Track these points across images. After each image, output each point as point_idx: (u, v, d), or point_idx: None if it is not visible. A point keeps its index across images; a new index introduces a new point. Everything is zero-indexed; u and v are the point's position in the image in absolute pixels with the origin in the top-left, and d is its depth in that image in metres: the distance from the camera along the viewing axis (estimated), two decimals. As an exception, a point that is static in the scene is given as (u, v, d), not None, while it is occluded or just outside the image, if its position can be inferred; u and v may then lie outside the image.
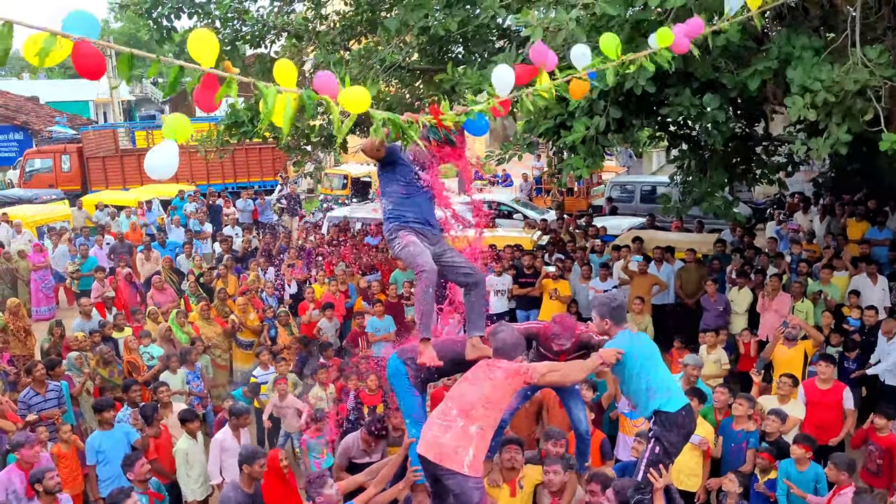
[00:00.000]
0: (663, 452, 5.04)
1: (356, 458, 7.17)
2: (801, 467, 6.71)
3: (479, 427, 4.88)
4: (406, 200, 5.25)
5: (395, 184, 5.26)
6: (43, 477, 6.10)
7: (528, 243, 14.38)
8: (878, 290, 10.96)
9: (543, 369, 5.03)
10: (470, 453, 4.81)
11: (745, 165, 12.78)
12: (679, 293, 12.19)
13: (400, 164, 5.26)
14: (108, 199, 21.31)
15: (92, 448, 7.57)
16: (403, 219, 5.22)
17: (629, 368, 5.01)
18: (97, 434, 7.67)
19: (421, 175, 5.30)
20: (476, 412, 4.90)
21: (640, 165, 31.21)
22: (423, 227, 5.25)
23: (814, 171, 18.74)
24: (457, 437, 4.84)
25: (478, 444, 4.87)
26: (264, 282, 12.89)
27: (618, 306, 5.30)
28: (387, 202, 5.31)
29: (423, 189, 5.31)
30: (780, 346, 8.95)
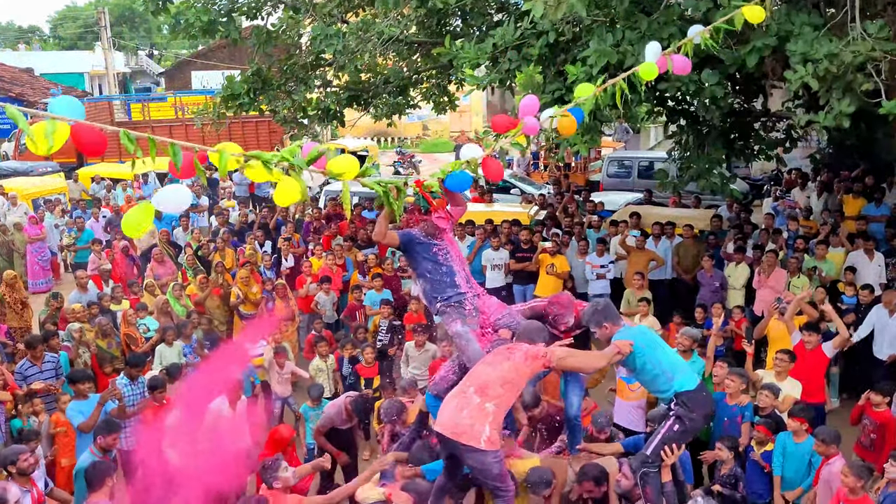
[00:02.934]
0: (682, 432, 5.16)
1: (338, 426, 7.65)
2: (797, 439, 6.80)
3: (495, 405, 4.98)
4: (438, 276, 5.65)
5: (424, 262, 5.67)
6: (17, 459, 6.10)
7: (526, 218, 14.37)
8: (874, 267, 11.00)
9: (563, 353, 5.13)
10: (486, 429, 4.91)
11: (742, 141, 12.75)
12: (676, 269, 12.22)
13: (417, 244, 5.67)
14: (105, 172, 21.20)
15: (71, 418, 7.62)
16: (444, 296, 5.62)
17: (639, 358, 5.13)
18: (73, 404, 7.70)
19: (439, 245, 5.69)
20: (493, 391, 5.00)
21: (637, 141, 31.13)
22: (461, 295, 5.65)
23: (812, 147, 18.71)
24: (473, 414, 4.94)
25: (494, 420, 4.97)
26: (261, 255, 12.89)
27: (605, 307, 5.46)
28: (423, 283, 5.74)
29: (447, 257, 5.68)
30: (775, 322, 8.99)
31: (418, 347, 9.39)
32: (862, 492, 5.91)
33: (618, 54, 9.10)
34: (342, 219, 14.87)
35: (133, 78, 51.05)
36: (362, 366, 9.38)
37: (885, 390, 7.50)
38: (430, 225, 5.62)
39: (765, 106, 12.98)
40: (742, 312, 10.08)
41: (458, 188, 5.38)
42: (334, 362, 9.39)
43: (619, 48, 9.14)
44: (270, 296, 11.17)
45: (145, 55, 57.29)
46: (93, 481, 5.77)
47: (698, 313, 10.04)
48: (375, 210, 15.15)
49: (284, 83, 14.07)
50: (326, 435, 7.66)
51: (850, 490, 5.90)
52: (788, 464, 6.78)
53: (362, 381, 9.33)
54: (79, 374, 8.09)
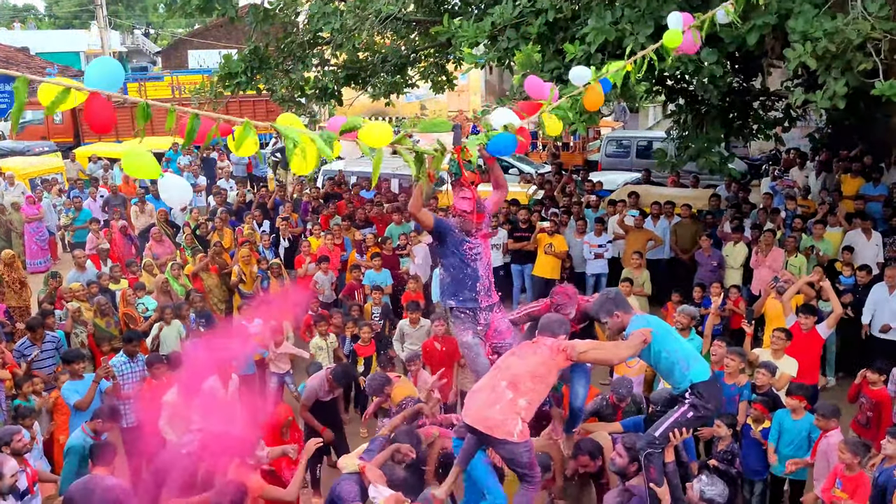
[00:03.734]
0: (695, 418, 5.19)
1: (322, 398, 7.79)
2: (795, 416, 6.87)
3: (528, 401, 5.02)
4: (461, 275, 5.65)
5: (452, 257, 5.63)
6: (11, 440, 6.13)
7: (524, 198, 14.36)
8: (872, 246, 11.01)
9: (584, 347, 5.15)
10: (519, 424, 4.97)
11: (741, 120, 12.74)
12: (674, 248, 12.23)
13: (450, 236, 5.61)
14: (102, 152, 21.14)
15: (67, 398, 7.65)
16: (460, 298, 5.66)
17: (655, 347, 5.13)
18: (69, 384, 7.73)
19: (472, 244, 5.63)
20: (524, 385, 5.04)
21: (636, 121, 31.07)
22: (475, 304, 5.68)
23: (810, 126, 18.68)
24: (505, 409, 4.98)
25: (526, 415, 5.03)
26: (259, 235, 12.89)
27: (616, 295, 5.43)
28: (445, 275, 5.74)
29: (475, 259, 5.63)
30: (772, 300, 9.03)
31: (413, 324, 9.43)
32: (858, 468, 5.97)
33: (616, 32, 9.07)
34: (340, 198, 14.86)
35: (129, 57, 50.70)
36: (360, 345, 9.42)
37: (881, 369, 7.55)
38: (467, 222, 5.55)
39: (763, 85, 12.96)
40: (739, 292, 10.11)
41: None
42: (335, 340, 9.43)
43: (617, 26, 9.10)
44: (265, 275, 11.18)
45: (141, 34, 56.92)
46: (99, 457, 5.85)
47: (696, 292, 10.07)
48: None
49: (282, 62, 14.02)
50: (312, 409, 7.76)
51: (846, 466, 5.97)
52: (786, 441, 6.85)
53: (361, 360, 9.36)
54: (72, 353, 8.12)
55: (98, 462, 5.83)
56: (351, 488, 5.37)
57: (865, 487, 5.99)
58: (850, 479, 5.98)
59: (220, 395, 7.52)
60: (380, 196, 14.79)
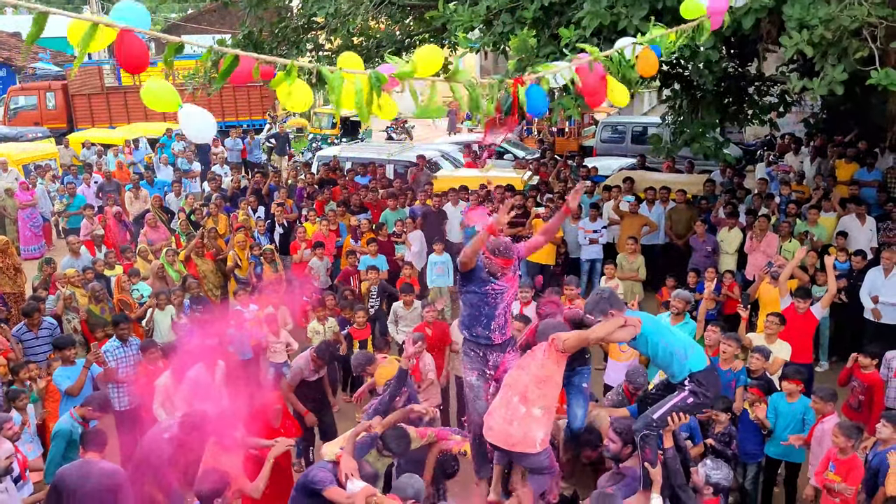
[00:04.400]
0: (694, 405, 5.19)
1: (307, 377, 7.88)
2: (791, 399, 6.94)
3: (541, 408, 5.10)
4: (476, 312, 5.56)
5: (472, 294, 5.56)
6: (1, 427, 6.14)
7: (519, 184, 14.35)
8: (866, 231, 11.05)
9: (565, 336, 5.21)
10: (540, 434, 5.07)
11: (736, 105, 12.73)
12: (669, 233, 12.25)
13: (477, 277, 5.53)
14: (95, 138, 21.05)
15: (58, 383, 7.67)
16: (472, 333, 5.63)
17: (650, 339, 5.17)
18: (60, 370, 7.75)
19: (496, 287, 5.53)
20: (533, 394, 5.11)
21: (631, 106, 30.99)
22: (488, 340, 5.60)
23: (805, 111, 18.67)
24: (523, 424, 5.07)
25: (546, 423, 5.13)
26: (254, 221, 12.87)
27: (610, 294, 5.39)
28: (463, 307, 5.70)
29: (496, 301, 5.54)
30: (766, 285, 9.06)
31: (407, 306, 9.47)
32: (852, 451, 6.03)
33: (612, 16, 9.04)
34: (335, 184, 14.84)
35: (122, 42, 50.39)
36: (355, 328, 9.46)
37: (873, 353, 7.61)
38: (495, 265, 5.45)
39: (759, 70, 12.94)
40: (733, 277, 10.14)
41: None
42: (335, 324, 9.46)
43: (613, 10, 9.07)
44: (258, 260, 11.19)
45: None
46: (90, 443, 5.85)
47: (691, 277, 10.09)
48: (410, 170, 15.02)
49: (276, 47, 13.94)
50: (298, 390, 7.85)
51: (840, 450, 6.02)
52: (781, 423, 6.91)
53: (356, 343, 9.39)
54: (64, 339, 8.13)
55: (89, 448, 5.82)
56: (325, 476, 5.38)
57: (859, 470, 6.05)
58: (844, 462, 6.04)
59: (204, 380, 7.51)
60: (375, 182, 14.77)
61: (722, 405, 6.69)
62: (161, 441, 6.22)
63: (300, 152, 23.98)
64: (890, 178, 13.46)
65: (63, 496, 5.61)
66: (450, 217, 13.01)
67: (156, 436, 6.34)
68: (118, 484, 5.69)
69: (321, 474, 5.41)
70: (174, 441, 6.14)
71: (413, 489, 5.20)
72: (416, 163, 15.88)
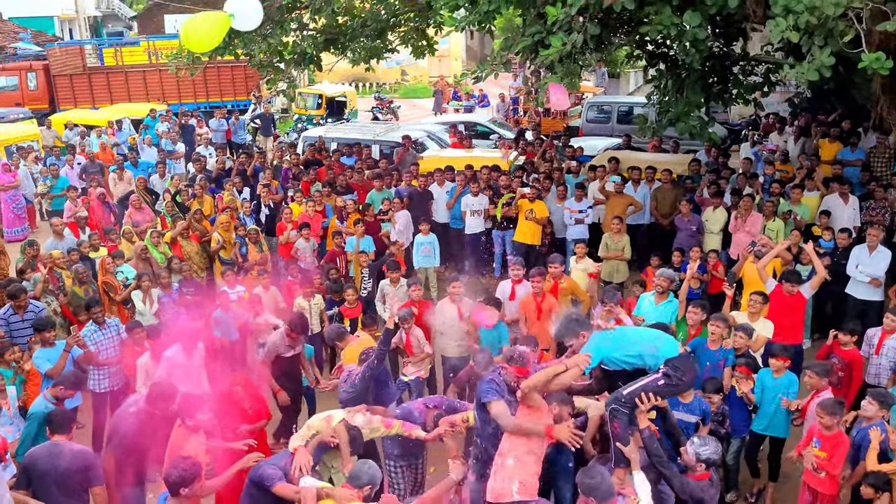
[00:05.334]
0: (666, 386, 5.31)
1: (283, 353, 8.01)
2: (777, 375, 7.07)
3: (514, 457, 5.28)
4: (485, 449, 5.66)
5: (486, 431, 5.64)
6: None
7: (505, 164, 14.36)
8: (849, 210, 11.14)
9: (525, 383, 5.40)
10: (516, 482, 5.23)
11: (721, 85, 12.74)
12: (654, 213, 12.31)
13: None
14: (78, 119, 20.86)
15: (38, 366, 7.66)
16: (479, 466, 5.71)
17: (612, 357, 5.34)
18: (40, 351, 7.73)
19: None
20: (503, 446, 5.34)
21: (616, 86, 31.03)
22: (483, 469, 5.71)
23: (789, 91, 18.74)
24: (500, 475, 5.30)
25: (521, 470, 5.26)
26: (240, 202, 12.82)
27: (578, 316, 5.61)
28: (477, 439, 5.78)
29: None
30: (750, 264, 9.13)
31: (393, 284, 9.52)
32: (836, 427, 6.12)
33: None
34: (321, 165, 14.79)
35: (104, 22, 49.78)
36: (346, 307, 9.49)
37: (853, 330, 7.73)
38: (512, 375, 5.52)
39: (744, 50, 12.95)
40: (717, 256, 10.20)
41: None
42: (321, 301, 9.48)
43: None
44: (243, 241, 11.16)
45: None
46: (58, 425, 5.86)
47: (675, 257, 10.15)
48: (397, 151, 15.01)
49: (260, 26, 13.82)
50: (275, 367, 7.95)
51: (825, 427, 6.11)
52: (767, 398, 7.02)
53: (347, 322, 9.42)
54: (43, 322, 8.08)
55: (56, 431, 5.83)
56: (273, 473, 5.38)
57: (844, 446, 6.16)
58: (829, 438, 6.15)
59: (181, 361, 7.52)
60: (361, 162, 14.73)
61: (712, 386, 6.77)
62: (128, 414, 6.27)
63: (285, 133, 23.87)
64: (873, 158, 13.57)
65: (34, 478, 5.65)
66: (436, 198, 13.01)
67: (123, 410, 6.39)
68: (89, 464, 5.73)
69: (269, 471, 5.40)
70: (140, 414, 6.19)
71: (368, 476, 5.18)
72: (402, 143, 15.84)
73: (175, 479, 5.04)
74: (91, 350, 7.98)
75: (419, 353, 8.33)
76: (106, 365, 8.14)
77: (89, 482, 5.76)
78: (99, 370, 8.12)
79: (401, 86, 39.37)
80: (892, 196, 11.47)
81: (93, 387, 8.15)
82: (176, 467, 5.09)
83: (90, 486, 5.79)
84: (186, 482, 5.05)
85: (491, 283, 12.00)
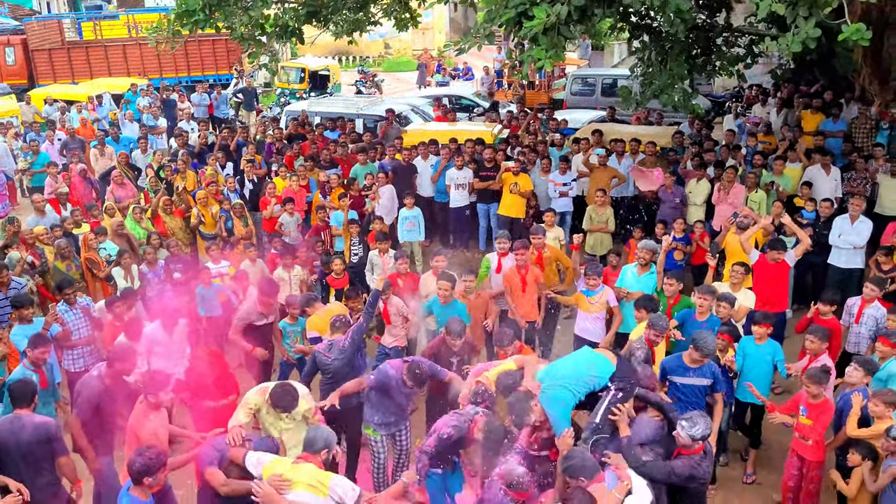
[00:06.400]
0: (624, 396, 5.46)
1: (255, 321, 8.17)
2: (759, 342, 7.18)
3: None
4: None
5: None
6: None
7: (489, 137, 14.33)
8: (830, 181, 11.22)
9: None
10: None
11: (704, 57, 12.74)
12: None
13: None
14: (57, 94, 20.61)
15: (16, 343, 7.61)
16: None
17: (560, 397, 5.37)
18: (17, 328, 7.69)
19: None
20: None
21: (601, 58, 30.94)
22: None
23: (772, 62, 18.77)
24: None
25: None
26: (223, 178, 12.75)
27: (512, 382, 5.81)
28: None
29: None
30: (732, 235, 9.20)
31: (382, 254, 9.56)
32: (823, 395, 6.23)
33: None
34: (304, 139, 14.71)
35: (82, -5, 49.07)
36: (332, 277, 9.51)
37: (832, 300, 7.82)
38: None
39: (727, 21, 12.94)
40: (703, 227, 10.28)
41: None
42: (300, 272, 9.49)
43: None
44: (228, 216, 11.12)
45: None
46: (19, 397, 5.84)
47: (658, 229, 10.21)
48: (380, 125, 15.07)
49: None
50: (246, 336, 8.06)
51: (811, 395, 6.23)
52: (749, 365, 7.12)
53: (333, 292, 9.44)
54: (22, 299, 8.02)
55: (17, 404, 5.81)
56: (209, 454, 5.37)
57: (829, 413, 6.29)
58: (815, 406, 6.26)
59: (160, 337, 7.53)
60: (344, 136, 14.66)
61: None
62: (90, 378, 6.30)
63: (268, 107, 23.69)
64: (855, 129, 13.64)
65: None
66: (420, 171, 12.98)
67: (87, 375, 6.43)
68: (51, 436, 5.73)
69: (206, 450, 5.40)
70: (102, 378, 6.23)
71: (323, 441, 5.19)
72: (386, 117, 15.77)
73: (138, 468, 4.93)
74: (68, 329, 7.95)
75: (398, 323, 8.37)
76: (78, 345, 8.09)
77: (54, 453, 5.75)
78: (73, 350, 8.09)
79: (384, 59, 39.09)
80: (872, 167, 11.57)
81: (68, 366, 8.14)
82: (140, 455, 4.97)
83: (55, 458, 5.77)
84: (151, 472, 4.93)
85: (476, 256, 12.03)
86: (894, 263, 8.98)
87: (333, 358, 6.85)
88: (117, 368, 6.29)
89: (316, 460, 5.12)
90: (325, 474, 5.07)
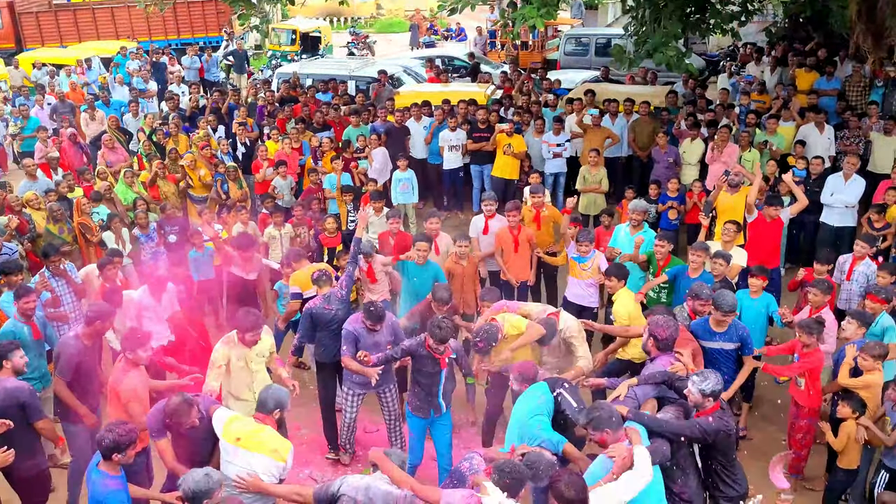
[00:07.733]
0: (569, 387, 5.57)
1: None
2: (754, 295, 7.31)
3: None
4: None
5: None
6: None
7: (483, 98, 14.25)
8: (824, 139, 11.21)
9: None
10: None
11: (699, 15, 12.64)
12: (632, 145, 12.32)
13: None
14: (46, 58, 20.37)
15: (5, 309, 7.49)
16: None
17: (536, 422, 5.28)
18: (6, 295, 7.60)
19: None
20: None
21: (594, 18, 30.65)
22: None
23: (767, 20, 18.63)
24: None
25: None
26: (215, 141, 12.67)
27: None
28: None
29: None
30: (724, 194, 9.22)
31: (377, 213, 9.60)
32: (815, 345, 6.40)
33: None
34: (296, 102, 14.61)
35: (68, -43, 48.32)
36: (325, 236, 9.52)
37: (827, 259, 7.88)
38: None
39: (722, -23, 12.84)
40: (701, 186, 10.29)
41: None
42: (290, 230, 9.50)
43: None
44: (223, 178, 11.09)
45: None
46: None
47: (652, 189, 10.22)
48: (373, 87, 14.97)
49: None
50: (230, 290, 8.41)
51: (804, 345, 6.40)
52: (744, 319, 7.13)
53: (326, 250, 9.46)
54: (10, 264, 7.94)
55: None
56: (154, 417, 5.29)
57: (820, 363, 6.46)
58: (807, 354, 6.42)
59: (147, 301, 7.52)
60: (337, 99, 14.56)
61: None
62: (69, 339, 6.29)
63: (259, 70, 23.47)
64: (849, 87, 13.60)
65: None
66: (413, 133, 12.93)
67: (66, 337, 6.43)
68: (24, 401, 5.67)
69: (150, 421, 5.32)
70: (80, 337, 6.23)
71: (274, 400, 5.21)
72: (378, 78, 15.66)
73: (108, 444, 4.82)
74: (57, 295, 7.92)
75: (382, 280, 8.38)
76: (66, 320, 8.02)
77: (30, 418, 5.70)
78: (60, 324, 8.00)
79: (376, 20, 38.68)
80: (866, 125, 11.56)
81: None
82: (110, 431, 4.86)
83: (32, 422, 5.72)
84: (121, 448, 4.84)
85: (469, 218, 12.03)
86: (886, 221, 9.02)
87: (336, 308, 6.93)
88: (96, 327, 6.27)
89: (270, 420, 5.17)
90: (286, 445, 5.10)
